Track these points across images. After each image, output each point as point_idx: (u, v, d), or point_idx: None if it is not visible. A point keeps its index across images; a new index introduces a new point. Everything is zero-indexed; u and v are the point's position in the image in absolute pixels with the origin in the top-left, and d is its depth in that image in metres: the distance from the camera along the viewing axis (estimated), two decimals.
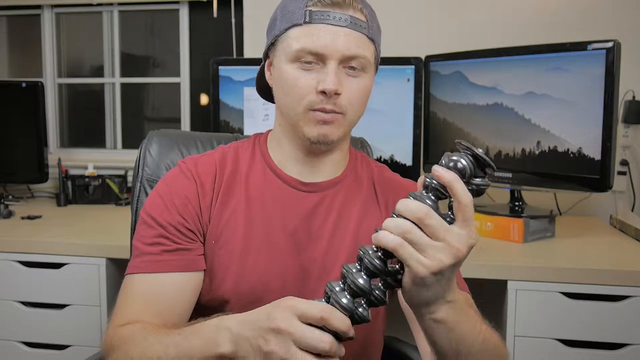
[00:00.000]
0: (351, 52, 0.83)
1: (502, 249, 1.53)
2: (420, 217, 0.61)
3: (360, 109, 0.88)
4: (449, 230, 0.61)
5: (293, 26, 0.84)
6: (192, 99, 2.43)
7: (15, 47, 2.62)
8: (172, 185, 0.90)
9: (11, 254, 1.61)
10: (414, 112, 1.85)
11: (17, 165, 2.20)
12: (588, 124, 1.52)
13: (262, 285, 0.86)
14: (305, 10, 0.83)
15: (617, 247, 1.59)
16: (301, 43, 0.83)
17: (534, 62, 1.62)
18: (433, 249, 0.61)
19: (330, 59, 0.82)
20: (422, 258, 0.61)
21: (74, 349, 1.61)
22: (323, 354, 0.61)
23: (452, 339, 0.69)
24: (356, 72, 0.85)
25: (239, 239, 0.87)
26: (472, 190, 0.63)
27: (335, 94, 0.82)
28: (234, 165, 0.93)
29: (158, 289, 0.84)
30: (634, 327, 1.33)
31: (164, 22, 2.48)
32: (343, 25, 0.82)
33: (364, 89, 0.87)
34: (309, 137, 0.86)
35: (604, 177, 1.50)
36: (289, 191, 0.91)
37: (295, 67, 0.84)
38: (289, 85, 0.85)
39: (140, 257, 0.86)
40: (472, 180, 0.63)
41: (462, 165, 0.62)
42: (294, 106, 0.85)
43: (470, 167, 0.62)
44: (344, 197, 0.92)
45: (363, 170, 0.98)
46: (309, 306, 0.62)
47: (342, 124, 0.86)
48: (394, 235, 0.61)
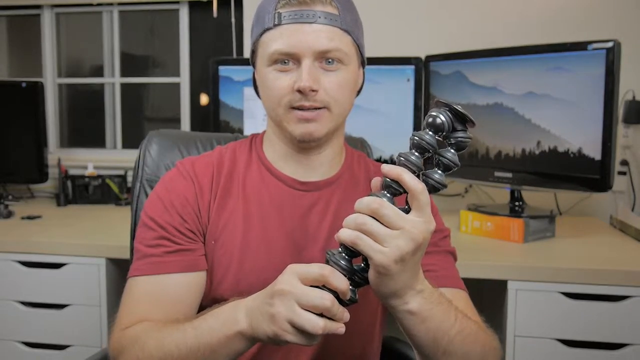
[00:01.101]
0: (323, 47, 0.83)
1: (502, 249, 1.53)
2: (373, 208, 0.64)
3: (346, 102, 0.88)
4: (404, 218, 0.64)
5: (265, 30, 0.86)
6: (192, 99, 2.43)
7: (15, 47, 2.63)
8: (171, 187, 0.90)
9: (11, 254, 1.61)
10: (414, 112, 1.85)
11: (17, 165, 2.20)
12: (588, 124, 1.52)
13: (261, 285, 0.86)
14: (274, 13, 0.84)
15: (617, 247, 1.58)
16: (274, 46, 0.84)
17: (534, 62, 1.62)
18: (391, 237, 0.63)
19: (304, 57, 0.83)
20: (381, 247, 0.63)
21: (74, 349, 1.61)
22: (326, 314, 0.65)
23: (428, 329, 0.72)
24: (334, 65, 0.85)
25: (237, 239, 0.88)
26: (453, 144, 0.66)
27: (311, 91, 0.83)
28: (231, 165, 0.93)
29: (162, 290, 0.84)
30: (634, 327, 1.33)
31: (164, 22, 2.48)
32: (311, 21, 0.83)
33: (344, 82, 0.86)
34: (294, 135, 0.86)
35: (604, 177, 1.50)
36: (286, 190, 0.91)
37: (272, 70, 0.85)
38: (269, 88, 0.86)
39: (143, 260, 0.86)
40: (452, 135, 0.66)
41: (440, 121, 0.65)
42: (276, 107, 0.86)
43: (448, 122, 0.65)
44: (341, 196, 0.93)
45: (360, 169, 0.98)
46: (308, 267, 0.66)
47: (328, 119, 0.86)
48: (351, 229, 0.65)
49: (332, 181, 0.93)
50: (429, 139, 0.66)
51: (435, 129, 0.66)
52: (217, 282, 0.87)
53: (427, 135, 0.66)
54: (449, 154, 0.67)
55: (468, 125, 0.67)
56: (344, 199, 0.92)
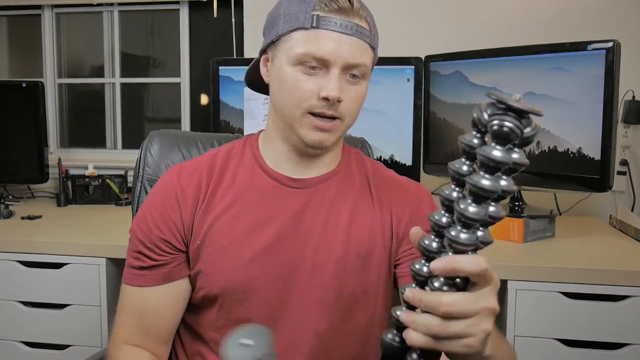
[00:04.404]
0: (354, 60, 0.83)
1: (502, 249, 1.53)
2: (445, 309, 0.55)
3: (356, 114, 0.90)
4: (474, 301, 0.56)
5: (298, 29, 0.84)
6: (192, 99, 2.43)
7: (15, 47, 2.63)
8: (154, 199, 0.92)
9: (11, 254, 1.61)
10: (414, 112, 1.85)
11: (17, 165, 2.20)
12: (588, 124, 1.52)
13: (248, 282, 0.87)
14: (312, 15, 0.83)
15: (617, 247, 1.59)
16: (306, 47, 0.83)
17: (534, 62, 1.62)
18: (471, 328, 0.56)
19: (334, 66, 0.83)
20: (466, 340, 0.56)
21: (74, 349, 1.61)
22: None
23: None
24: (356, 79, 0.86)
25: (224, 237, 0.88)
26: (518, 145, 0.53)
27: (337, 101, 0.83)
28: (223, 165, 0.94)
29: (145, 301, 0.90)
30: (634, 327, 1.33)
31: (164, 22, 2.48)
32: (349, 33, 0.83)
33: (361, 96, 0.88)
34: (305, 140, 0.86)
35: (603, 177, 1.50)
36: (278, 188, 0.91)
37: (297, 70, 0.84)
38: (290, 87, 0.85)
39: (127, 269, 0.92)
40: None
41: (507, 129, 0.51)
42: (293, 108, 0.85)
43: (517, 124, 0.51)
44: (335, 193, 0.92)
45: (356, 166, 0.98)
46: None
47: (339, 130, 0.88)
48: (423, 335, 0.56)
49: (326, 178, 0.93)
50: (473, 142, 0.54)
51: (504, 139, 0.51)
52: (206, 280, 0.88)
53: (496, 150, 0.51)
54: (516, 156, 0.53)
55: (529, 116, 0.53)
56: (338, 195, 0.92)
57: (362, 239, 0.90)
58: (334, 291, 0.88)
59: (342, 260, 0.88)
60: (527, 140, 0.53)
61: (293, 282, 0.88)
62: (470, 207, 0.53)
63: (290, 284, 0.88)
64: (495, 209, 0.54)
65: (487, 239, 0.55)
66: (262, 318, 0.86)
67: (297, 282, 0.88)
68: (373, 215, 0.92)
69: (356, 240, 0.90)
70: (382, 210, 0.93)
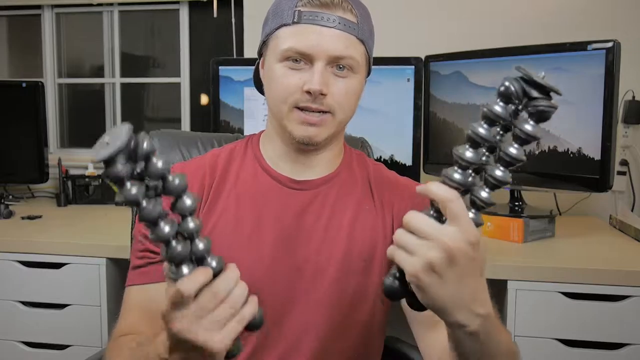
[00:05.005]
0: (338, 52, 0.84)
1: (502, 249, 1.53)
2: (405, 222, 0.62)
3: (349, 109, 0.89)
4: (435, 228, 0.61)
5: (282, 26, 0.85)
6: (192, 99, 2.43)
7: (15, 47, 2.63)
8: None
9: (11, 254, 1.61)
10: (414, 112, 1.85)
11: (17, 165, 2.20)
12: (588, 124, 1.52)
13: (250, 284, 0.87)
14: (294, 10, 0.84)
15: (617, 247, 1.59)
16: (289, 43, 0.84)
17: (534, 62, 1.62)
18: (419, 247, 0.60)
19: (317, 60, 0.83)
20: (411, 257, 0.61)
21: (74, 349, 1.61)
22: None
23: (482, 352, 0.67)
24: (344, 72, 0.86)
25: (227, 238, 0.88)
26: (532, 114, 0.62)
27: (320, 95, 0.83)
28: (225, 166, 0.94)
29: (150, 298, 0.88)
30: (634, 327, 1.33)
31: (164, 22, 2.48)
32: (331, 26, 0.83)
33: (352, 90, 0.87)
34: (294, 136, 0.87)
35: (603, 177, 1.50)
36: (280, 189, 0.92)
37: (283, 66, 0.85)
38: (276, 83, 0.86)
39: (133, 271, 0.91)
40: (532, 103, 0.62)
41: (512, 89, 0.63)
42: (280, 104, 0.86)
43: (517, 89, 0.62)
44: (337, 194, 0.93)
45: (358, 168, 0.98)
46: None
47: (330, 124, 0.87)
48: (392, 246, 0.63)
49: (328, 179, 0.93)
50: (498, 110, 0.61)
51: (505, 98, 0.62)
52: None
53: (497, 105, 0.62)
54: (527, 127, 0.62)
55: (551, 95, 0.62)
56: (340, 196, 0.92)
57: (365, 241, 0.90)
58: (336, 292, 0.88)
59: (344, 261, 0.89)
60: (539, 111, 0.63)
61: (296, 283, 0.88)
62: (512, 149, 0.62)
63: (294, 286, 0.88)
64: (517, 152, 0.62)
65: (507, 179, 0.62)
66: (266, 319, 0.86)
67: (300, 284, 0.88)
68: (375, 216, 0.93)
69: (358, 242, 0.90)
70: (384, 212, 0.93)
